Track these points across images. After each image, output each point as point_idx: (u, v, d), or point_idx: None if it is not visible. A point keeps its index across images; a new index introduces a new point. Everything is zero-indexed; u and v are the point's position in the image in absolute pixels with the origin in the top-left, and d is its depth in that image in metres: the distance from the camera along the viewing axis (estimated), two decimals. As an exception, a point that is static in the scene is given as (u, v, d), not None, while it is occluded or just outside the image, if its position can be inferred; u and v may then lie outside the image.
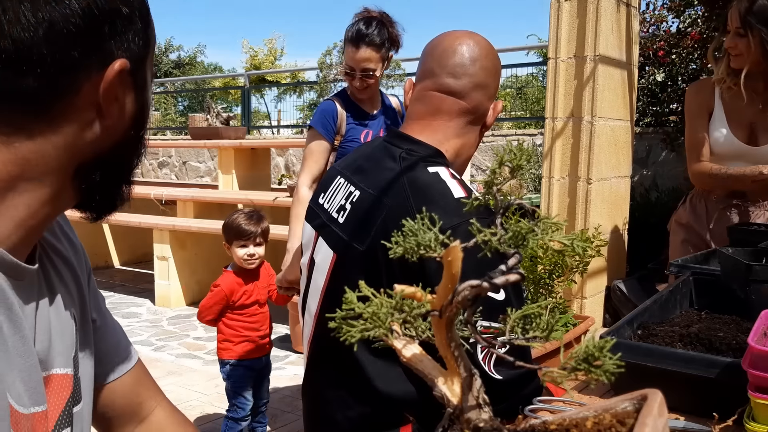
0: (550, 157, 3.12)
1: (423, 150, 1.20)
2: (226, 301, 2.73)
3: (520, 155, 0.52)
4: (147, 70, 0.70)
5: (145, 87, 0.70)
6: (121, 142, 0.68)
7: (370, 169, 1.26)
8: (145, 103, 0.70)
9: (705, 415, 0.98)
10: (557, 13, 3.06)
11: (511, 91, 8.70)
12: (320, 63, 6.96)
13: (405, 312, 0.49)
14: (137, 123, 0.69)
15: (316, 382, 1.30)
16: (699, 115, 2.22)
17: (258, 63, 15.46)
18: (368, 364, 1.14)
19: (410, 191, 1.13)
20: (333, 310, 1.23)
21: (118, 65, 0.63)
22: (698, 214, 2.27)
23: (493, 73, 1.24)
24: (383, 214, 1.15)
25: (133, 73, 0.66)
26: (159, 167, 9.71)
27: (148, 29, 0.68)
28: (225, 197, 5.87)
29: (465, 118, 1.23)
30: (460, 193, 1.10)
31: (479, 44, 1.23)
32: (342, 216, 1.25)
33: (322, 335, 1.28)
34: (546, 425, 0.47)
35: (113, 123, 0.66)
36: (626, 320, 1.25)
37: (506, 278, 0.47)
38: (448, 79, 1.22)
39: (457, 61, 1.22)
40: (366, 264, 1.15)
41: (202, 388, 3.55)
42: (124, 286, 6.15)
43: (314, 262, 1.32)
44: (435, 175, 1.14)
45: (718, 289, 1.43)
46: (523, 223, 0.49)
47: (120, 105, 0.66)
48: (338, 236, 1.24)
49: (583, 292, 3.09)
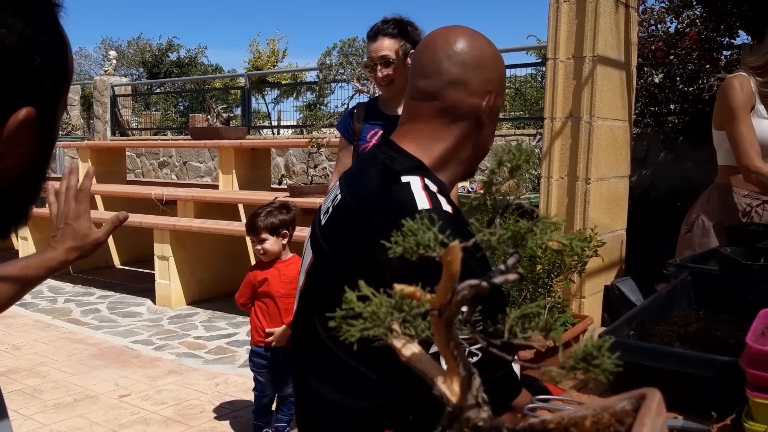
0: (548, 157, 3.13)
1: (402, 159, 1.17)
2: (252, 288, 2.90)
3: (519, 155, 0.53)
4: (58, 110, 0.69)
5: (53, 125, 0.69)
6: (22, 178, 0.68)
7: (357, 174, 1.27)
8: (52, 140, 0.70)
9: (703, 415, 0.98)
10: (556, 13, 3.06)
11: (509, 92, 8.69)
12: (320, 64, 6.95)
13: (404, 311, 0.49)
14: (41, 160, 0.70)
15: (299, 377, 1.32)
16: (747, 108, 2.23)
17: (261, 63, 15.45)
18: (345, 361, 1.15)
19: (378, 202, 1.12)
20: (306, 309, 1.25)
21: (23, 114, 0.62)
22: (730, 212, 2.26)
23: (474, 67, 1.15)
24: (351, 223, 1.16)
25: (41, 115, 0.65)
26: (159, 167, 9.71)
27: (65, 71, 0.67)
28: (225, 197, 5.87)
29: (444, 118, 1.16)
30: (424, 206, 1.08)
31: (458, 39, 1.16)
32: (325, 218, 1.26)
33: (297, 332, 1.31)
34: (545, 424, 0.48)
35: (14, 164, 0.65)
36: (625, 319, 1.25)
37: (505, 278, 0.47)
38: (420, 81, 1.17)
39: (428, 60, 1.17)
40: (333, 268, 1.16)
41: (202, 387, 3.55)
42: (124, 285, 6.15)
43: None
44: (405, 186, 1.12)
45: (717, 289, 1.43)
46: (522, 222, 0.49)
47: (24, 148, 0.65)
48: (317, 238, 1.25)
49: (581, 292, 3.09)
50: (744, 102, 2.23)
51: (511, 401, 1.07)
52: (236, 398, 3.39)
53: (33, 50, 0.62)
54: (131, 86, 12.44)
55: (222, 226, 5.27)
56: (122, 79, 12.28)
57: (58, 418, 3.13)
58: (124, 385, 3.59)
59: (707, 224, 2.33)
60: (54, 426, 3.05)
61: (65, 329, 4.74)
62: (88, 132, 12.37)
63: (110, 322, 4.96)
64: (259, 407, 2.89)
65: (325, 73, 6.86)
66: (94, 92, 11.05)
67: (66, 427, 3.04)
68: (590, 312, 3.03)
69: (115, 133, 10.82)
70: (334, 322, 0.50)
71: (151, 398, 3.39)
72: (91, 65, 23.43)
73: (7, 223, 0.72)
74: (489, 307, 0.91)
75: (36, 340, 4.44)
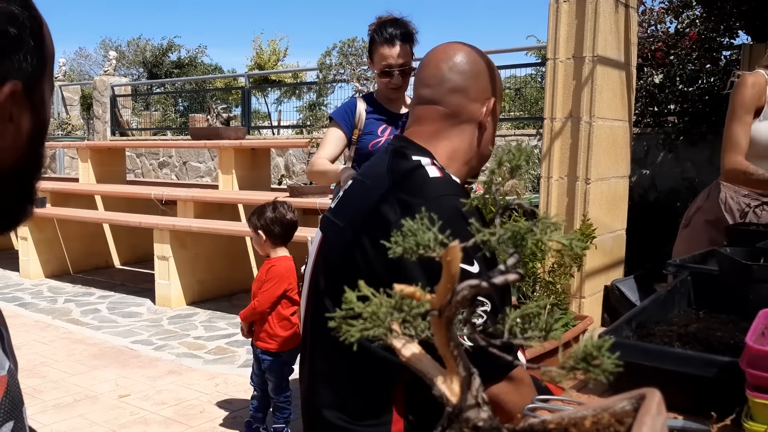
0: (548, 157, 3.13)
1: (414, 148, 1.27)
2: None
3: (519, 155, 0.53)
4: (45, 87, 0.70)
5: (42, 105, 0.70)
6: (18, 161, 0.69)
7: (371, 164, 1.37)
8: (43, 121, 0.71)
9: (703, 415, 0.98)
10: (556, 13, 3.06)
11: (509, 92, 8.70)
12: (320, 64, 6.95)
13: (404, 311, 0.49)
14: (35, 141, 0.70)
15: (306, 359, 1.33)
16: (750, 108, 2.22)
17: (262, 63, 15.46)
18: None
19: (390, 174, 1.23)
20: (317, 287, 1.25)
21: (8, 88, 0.63)
22: (730, 211, 2.27)
23: (472, 76, 1.27)
24: (363, 195, 1.26)
25: (29, 92, 0.66)
26: (159, 167, 9.71)
27: (43, 46, 0.68)
28: (225, 197, 5.87)
29: (447, 121, 1.26)
30: (435, 175, 1.19)
31: (457, 52, 1.28)
32: (335, 201, 1.37)
33: (313, 314, 1.33)
34: (545, 424, 0.47)
35: (8, 143, 0.66)
36: (625, 320, 1.25)
37: (505, 278, 0.47)
38: (424, 90, 1.29)
39: (430, 72, 1.28)
40: (344, 238, 1.22)
41: (202, 387, 3.55)
42: (124, 285, 6.15)
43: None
44: (416, 162, 1.22)
45: (717, 289, 1.43)
46: (521, 222, 0.49)
47: (15, 125, 0.66)
48: (327, 218, 1.33)
49: (581, 292, 3.09)
50: (748, 101, 2.22)
51: (508, 371, 1.11)
52: (236, 398, 3.39)
53: (6, 22, 0.63)
54: (131, 86, 12.44)
55: (222, 226, 5.27)
56: (122, 79, 12.28)
57: (58, 418, 3.13)
58: (124, 385, 3.59)
59: (704, 220, 2.34)
60: (54, 426, 3.05)
61: (65, 329, 4.74)
62: (88, 132, 12.37)
63: (110, 322, 4.96)
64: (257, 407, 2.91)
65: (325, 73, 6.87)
66: (94, 92, 11.06)
67: (66, 427, 3.04)
68: (590, 312, 3.03)
69: (115, 133, 10.82)
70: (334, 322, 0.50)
71: (151, 398, 3.39)
72: (90, 65, 23.44)
73: (13, 212, 0.72)
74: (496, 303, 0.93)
75: (36, 340, 4.44)
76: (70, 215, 6.15)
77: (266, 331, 2.85)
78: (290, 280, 2.87)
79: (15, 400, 0.62)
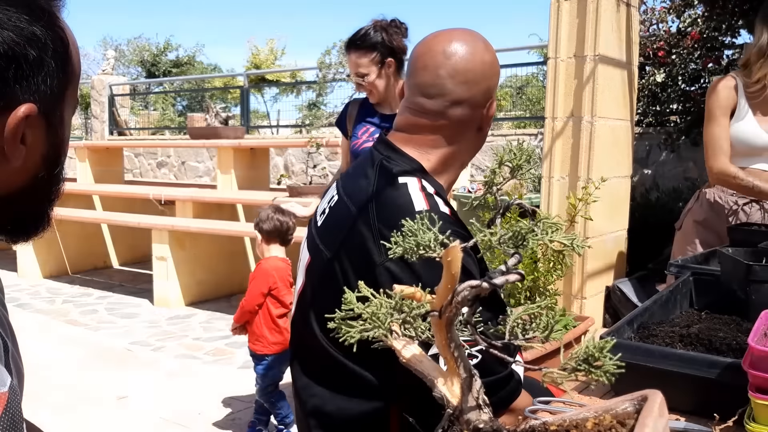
0: (550, 157, 3.12)
1: (401, 160, 1.18)
2: None
3: (520, 155, 0.52)
4: (65, 107, 0.69)
5: (61, 125, 0.69)
6: (33, 182, 0.68)
7: (354, 175, 1.27)
8: (61, 141, 0.70)
9: (705, 416, 0.97)
10: (557, 12, 3.06)
11: (510, 91, 8.70)
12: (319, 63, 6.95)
13: (404, 312, 0.48)
14: (50, 162, 0.69)
15: (297, 377, 1.32)
16: (725, 111, 2.24)
17: (259, 62, 15.46)
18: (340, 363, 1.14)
19: (375, 204, 1.13)
20: (303, 311, 1.24)
21: (22, 111, 0.62)
22: (717, 210, 2.29)
23: (476, 82, 1.15)
24: (349, 224, 1.15)
25: (46, 113, 0.65)
26: (158, 167, 9.70)
27: (66, 66, 0.67)
28: (224, 197, 5.87)
29: (448, 131, 1.17)
30: (422, 207, 1.09)
31: (458, 53, 1.14)
32: (321, 218, 1.27)
33: (296, 333, 1.31)
34: (546, 426, 0.47)
35: (20, 166, 0.65)
36: (626, 321, 1.24)
37: (506, 278, 0.46)
38: (421, 99, 1.16)
39: (429, 80, 1.14)
40: (328, 271, 1.16)
41: (200, 388, 3.55)
42: (122, 286, 6.15)
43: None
44: (403, 187, 1.13)
45: (718, 290, 1.43)
46: (522, 222, 0.49)
47: (29, 148, 0.65)
48: (313, 239, 1.26)
49: (583, 293, 3.09)
50: (722, 103, 2.26)
51: (512, 402, 1.07)
52: (234, 399, 3.39)
53: (27, 44, 0.62)
54: (129, 86, 12.44)
55: (221, 226, 5.27)
56: (120, 78, 12.28)
57: (57, 420, 3.12)
58: (122, 386, 3.58)
59: (693, 221, 2.37)
60: (52, 428, 3.04)
61: (64, 330, 4.73)
62: (86, 132, 12.37)
63: (109, 323, 4.95)
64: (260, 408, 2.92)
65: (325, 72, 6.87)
66: (92, 91, 11.05)
67: (63, 429, 3.04)
68: (591, 313, 3.03)
69: (113, 133, 10.82)
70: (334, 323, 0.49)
71: (149, 400, 3.38)
72: (89, 64, 23.44)
73: (26, 227, 0.72)
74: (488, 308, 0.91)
75: (34, 341, 4.43)
76: (68, 215, 6.14)
77: (253, 333, 2.87)
78: (275, 278, 2.87)
79: (15, 418, 0.62)
